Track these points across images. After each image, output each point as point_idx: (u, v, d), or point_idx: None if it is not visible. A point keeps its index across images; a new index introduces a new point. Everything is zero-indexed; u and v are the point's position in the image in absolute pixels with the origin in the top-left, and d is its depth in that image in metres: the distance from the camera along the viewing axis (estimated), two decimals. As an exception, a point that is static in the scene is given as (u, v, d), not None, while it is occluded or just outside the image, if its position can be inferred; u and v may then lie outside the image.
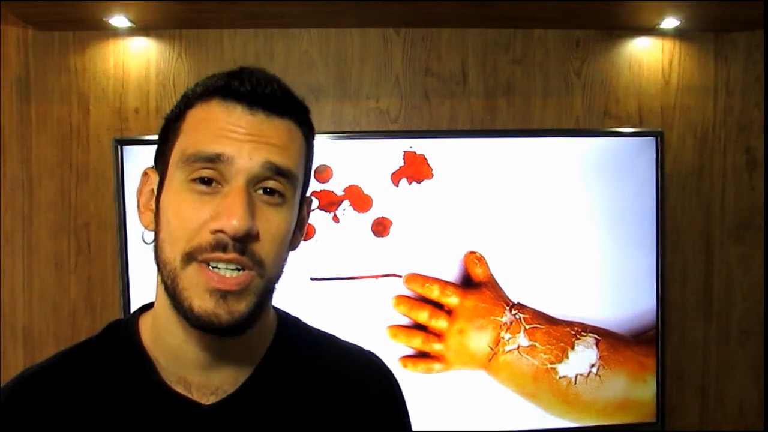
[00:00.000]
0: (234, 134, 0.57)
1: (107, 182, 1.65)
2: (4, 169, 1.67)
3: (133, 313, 0.68)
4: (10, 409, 0.61)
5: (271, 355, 0.66)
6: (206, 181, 0.57)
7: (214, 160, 0.56)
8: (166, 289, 0.59)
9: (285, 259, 0.62)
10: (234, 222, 0.54)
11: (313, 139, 0.66)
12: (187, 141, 0.59)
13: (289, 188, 0.60)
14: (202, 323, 0.56)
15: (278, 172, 0.58)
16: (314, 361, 0.68)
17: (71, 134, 1.68)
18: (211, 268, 0.56)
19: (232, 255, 0.55)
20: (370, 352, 0.74)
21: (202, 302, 0.56)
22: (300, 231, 0.66)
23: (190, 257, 0.56)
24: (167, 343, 0.62)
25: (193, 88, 0.62)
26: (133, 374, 0.62)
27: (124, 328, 0.66)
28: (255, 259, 0.57)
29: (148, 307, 0.67)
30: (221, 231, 0.55)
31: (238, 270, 0.56)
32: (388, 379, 0.73)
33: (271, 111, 0.59)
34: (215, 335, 0.59)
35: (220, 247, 0.55)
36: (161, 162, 0.62)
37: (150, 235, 0.62)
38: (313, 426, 0.64)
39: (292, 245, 0.64)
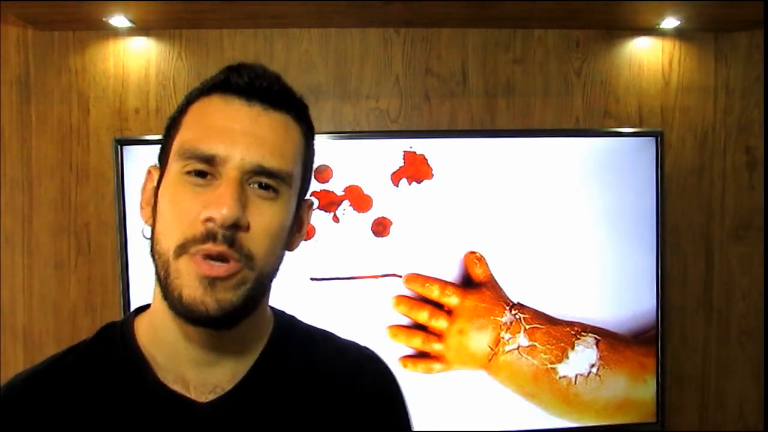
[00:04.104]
0: (228, 132, 0.58)
1: (107, 182, 1.65)
2: (4, 169, 1.67)
3: (128, 314, 0.68)
4: (2, 414, 0.60)
5: (268, 353, 0.66)
6: (201, 174, 0.58)
7: (207, 160, 0.58)
8: (159, 281, 0.59)
9: (279, 257, 0.62)
10: (224, 211, 0.55)
11: (312, 137, 0.66)
12: (186, 135, 0.60)
13: (283, 185, 0.60)
14: (190, 312, 0.56)
15: (270, 175, 0.59)
16: (310, 358, 0.69)
17: (71, 134, 1.68)
18: (202, 258, 0.56)
19: (221, 247, 0.56)
20: (367, 349, 0.74)
21: (190, 291, 0.56)
22: (299, 232, 0.67)
23: (182, 249, 0.57)
24: (165, 340, 0.62)
25: (197, 86, 0.64)
26: (129, 374, 0.62)
27: (120, 329, 0.66)
28: (243, 252, 0.57)
29: (143, 308, 0.68)
30: (210, 219, 0.56)
31: (227, 262, 0.57)
32: (385, 376, 0.73)
33: (268, 104, 0.60)
34: (207, 329, 0.59)
35: (210, 237, 0.56)
36: (163, 158, 0.63)
37: (149, 231, 0.62)
38: (309, 423, 0.64)
39: (290, 245, 0.64)
